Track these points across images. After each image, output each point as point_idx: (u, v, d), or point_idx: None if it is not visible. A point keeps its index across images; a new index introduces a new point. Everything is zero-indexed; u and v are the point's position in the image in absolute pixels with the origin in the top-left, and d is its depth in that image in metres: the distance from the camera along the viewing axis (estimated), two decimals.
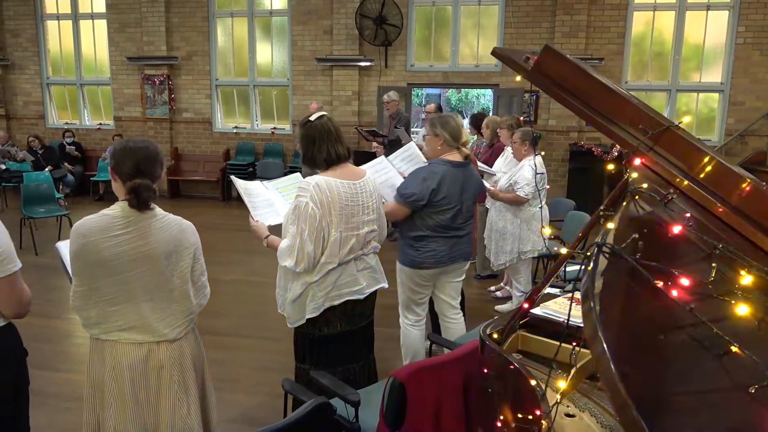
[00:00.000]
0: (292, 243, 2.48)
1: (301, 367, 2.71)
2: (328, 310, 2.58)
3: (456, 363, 2.15)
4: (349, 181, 2.57)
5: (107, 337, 2.01)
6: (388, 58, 9.55)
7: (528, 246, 4.39)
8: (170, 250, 2.03)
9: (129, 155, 2.00)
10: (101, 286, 1.96)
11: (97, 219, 1.96)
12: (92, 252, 1.93)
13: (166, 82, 10.25)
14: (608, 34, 8.93)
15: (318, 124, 2.56)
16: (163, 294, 2.04)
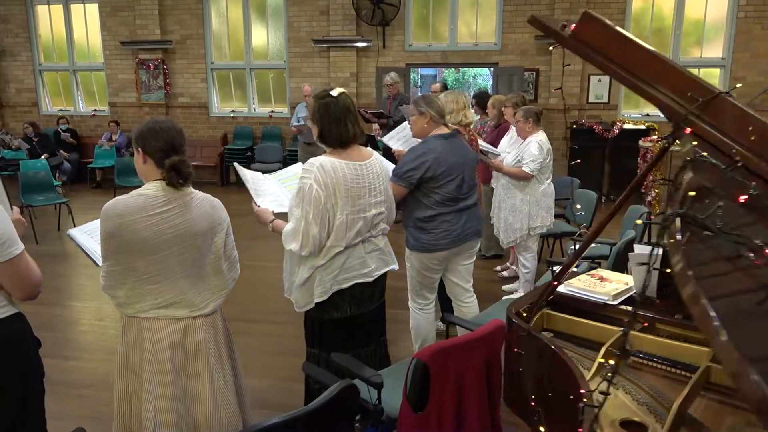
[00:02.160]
0: (297, 226, 2.43)
1: (312, 351, 2.68)
2: (336, 294, 2.55)
3: (478, 343, 2.11)
4: (354, 162, 2.51)
5: (146, 315, 2.02)
6: (386, 38, 9.42)
7: (537, 222, 4.36)
8: (206, 227, 2.06)
9: (160, 134, 2.01)
10: (138, 266, 1.97)
11: (133, 199, 1.95)
12: (129, 231, 1.92)
13: (160, 66, 10.10)
14: (609, 10, 8.81)
15: (340, 99, 2.48)
16: (200, 270, 2.07)
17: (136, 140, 2.04)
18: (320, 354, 2.63)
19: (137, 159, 2.06)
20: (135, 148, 2.06)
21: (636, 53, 1.65)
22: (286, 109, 10.14)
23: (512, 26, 9.10)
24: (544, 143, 4.29)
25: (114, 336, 4.32)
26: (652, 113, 9.16)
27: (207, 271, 2.10)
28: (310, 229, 2.41)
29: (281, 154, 9.66)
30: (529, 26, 9.54)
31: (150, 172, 2.03)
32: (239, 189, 10.37)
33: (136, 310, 2.02)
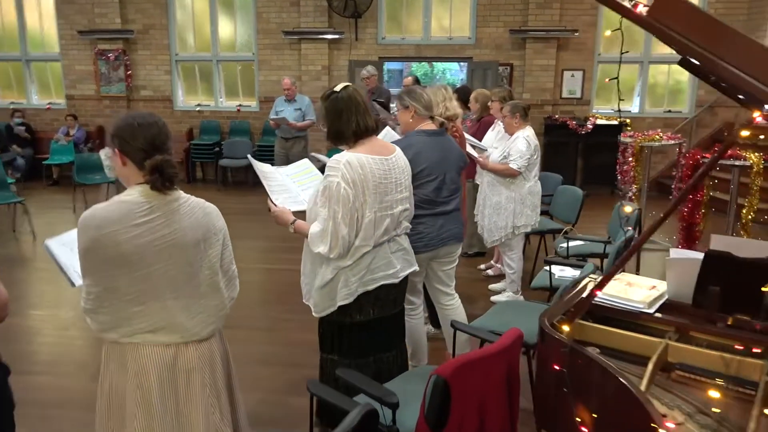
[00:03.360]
0: (325, 227, 2.28)
1: (328, 358, 2.52)
2: (361, 296, 2.40)
3: (499, 355, 1.96)
4: (380, 156, 2.38)
5: (129, 340, 1.76)
6: (359, 30, 9.20)
7: (522, 221, 4.24)
8: (198, 238, 1.80)
9: (140, 131, 1.74)
10: (121, 285, 1.70)
11: (113, 207, 1.70)
12: (109, 246, 1.66)
13: (121, 57, 9.63)
14: (582, 6, 8.82)
15: (344, 94, 2.36)
16: (192, 288, 1.80)
17: (113, 139, 1.77)
18: (339, 360, 2.46)
19: (115, 161, 1.79)
20: (111, 148, 1.79)
21: (720, 32, 1.51)
22: (255, 102, 9.81)
23: (486, 20, 9.01)
24: (531, 139, 4.17)
25: (82, 347, 4.02)
26: (624, 109, 9.21)
27: (201, 290, 1.82)
28: (339, 229, 2.26)
29: (251, 150, 9.33)
30: (504, 21, 9.51)
31: (131, 176, 1.77)
32: (207, 186, 10.02)
33: (120, 335, 1.76)
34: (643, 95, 9.12)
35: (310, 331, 4.03)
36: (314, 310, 2.49)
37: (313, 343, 3.89)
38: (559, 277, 3.62)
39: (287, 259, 5.63)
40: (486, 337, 2.43)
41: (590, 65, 9.01)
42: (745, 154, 4.23)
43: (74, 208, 7.67)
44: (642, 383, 1.42)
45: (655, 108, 9.19)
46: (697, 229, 4.50)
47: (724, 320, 1.69)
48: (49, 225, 6.85)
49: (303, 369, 3.54)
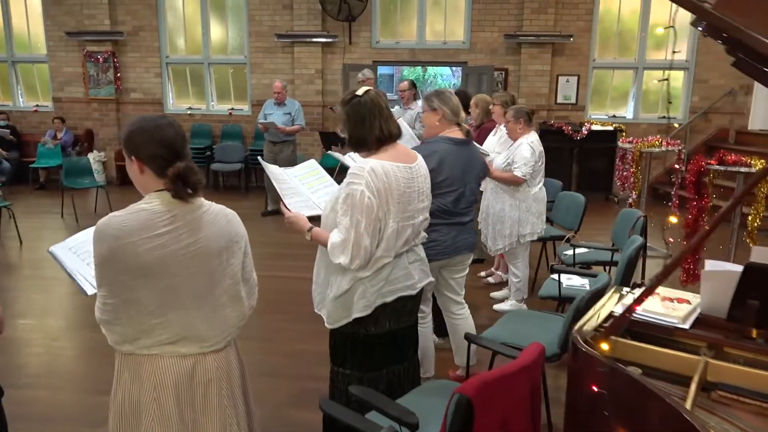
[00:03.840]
0: (346, 237, 2.17)
1: (340, 371, 2.40)
2: (378, 308, 2.30)
3: (523, 372, 1.87)
4: (404, 164, 2.28)
5: (147, 352, 1.67)
6: (352, 34, 9.12)
7: (527, 229, 4.15)
8: (221, 247, 1.72)
9: (154, 136, 1.64)
10: (141, 297, 1.61)
11: (133, 216, 1.59)
12: (129, 256, 1.56)
13: (110, 59, 9.45)
14: (577, 11, 8.80)
15: (367, 99, 2.25)
16: (214, 298, 1.72)
17: (126, 145, 1.67)
18: (351, 374, 2.35)
19: (131, 168, 1.69)
20: (126, 155, 1.69)
21: None
22: (247, 106, 9.68)
23: (481, 25, 8.97)
24: (535, 145, 4.09)
25: (73, 357, 3.87)
26: (618, 114, 9.23)
27: (222, 300, 1.74)
28: (362, 240, 2.15)
29: (243, 154, 9.20)
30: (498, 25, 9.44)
31: (149, 183, 1.67)
32: None
33: (137, 347, 1.67)
34: (637, 101, 9.11)
35: (310, 341, 3.94)
36: (327, 320, 2.38)
37: (315, 354, 3.80)
38: (568, 286, 3.55)
39: (284, 266, 5.51)
40: (504, 352, 2.34)
41: (585, 71, 8.99)
42: (750, 161, 4.20)
43: (62, 213, 7.48)
44: (686, 405, 1.34)
45: (648, 114, 9.19)
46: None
47: (765, 336, 1.61)
48: (35, 230, 6.66)
49: (306, 381, 3.43)
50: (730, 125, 8.82)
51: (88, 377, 3.55)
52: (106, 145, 9.76)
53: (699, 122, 8.89)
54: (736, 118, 8.72)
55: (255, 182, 9.53)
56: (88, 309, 4.17)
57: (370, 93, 2.27)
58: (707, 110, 8.80)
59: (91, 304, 1.67)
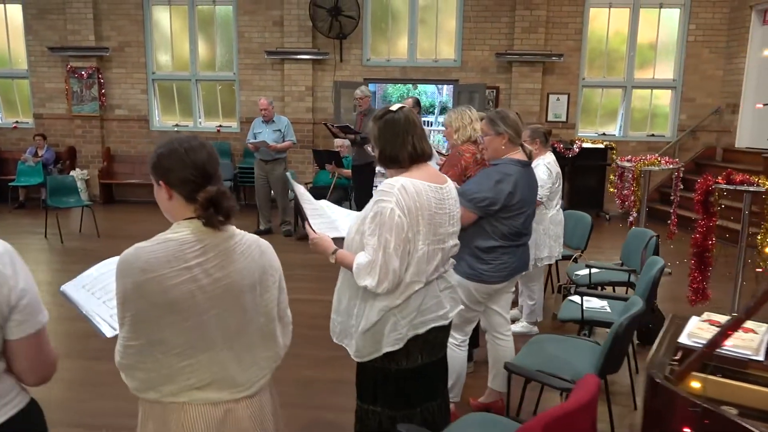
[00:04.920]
0: (374, 258, 2.03)
1: (370, 409, 2.25)
2: (410, 340, 2.16)
3: (586, 407, 1.77)
4: (436, 184, 2.16)
5: (173, 399, 1.50)
6: (343, 51, 9.07)
7: (545, 252, 4.07)
8: (255, 281, 1.57)
9: (185, 159, 1.49)
10: (167, 337, 1.45)
11: (160, 247, 1.45)
12: (155, 292, 1.41)
13: (95, 75, 9.24)
14: (566, 30, 8.89)
15: (401, 115, 2.15)
16: (246, 337, 1.56)
17: (155, 169, 1.53)
18: (382, 412, 2.20)
19: (159, 194, 1.55)
20: (154, 179, 1.54)
21: None
22: (236, 123, 9.53)
23: (472, 44, 8.99)
24: (552, 166, 4.04)
25: (65, 389, 3.65)
26: (608, 132, 9.31)
27: (255, 339, 1.59)
28: (390, 261, 2.01)
29: (232, 172, 9.03)
30: (489, 44, 9.52)
31: (178, 210, 1.53)
32: None
33: (162, 394, 1.50)
34: (626, 119, 9.21)
35: (321, 368, 3.79)
36: (355, 354, 2.23)
37: (328, 382, 3.65)
38: (587, 308, 3.46)
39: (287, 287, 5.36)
40: (556, 385, 2.24)
41: (575, 89, 9.07)
42: (757, 180, 4.20)
43: (46, 233, 7.20)
44: None
45: (637, 132, 9.29)
46: (708, 255, 4.43)
47: None
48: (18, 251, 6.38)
49: (320, 411, 3.28)
50: (717, 143, 8.96)
51: (82, 411, 3.34)
52: (89, 162, 9.49)
53: (687, 140, 9.01)
54: (723, 136, 8.86)
55: (244, 200, 9.35)
56: (80, 336, 3.96)
57: (404, 110, 2.19)
58: (695, 128, 8.93)
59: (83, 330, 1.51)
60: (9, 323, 1.34)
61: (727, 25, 8.67)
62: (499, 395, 3.25)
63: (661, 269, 3.26)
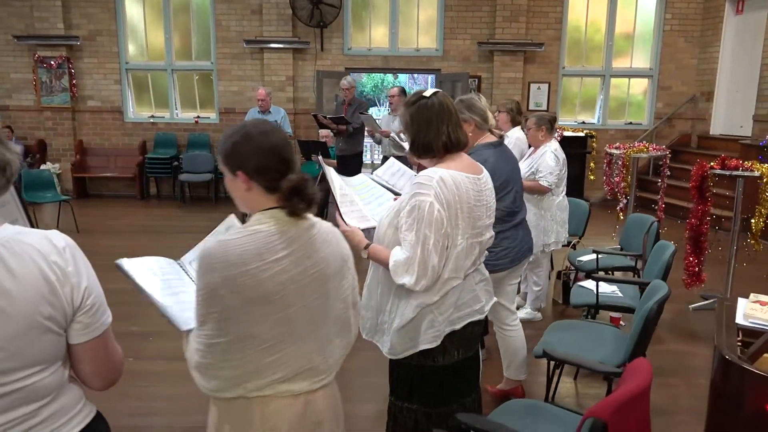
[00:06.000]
0: (412, 254, 1.95)
1: (405, 406, 2.19)
2: (446, 336, 2.10)
3: (647, 391, 1.78)
4: (474, 175, 2.09)
5: (258, 393, 1.45)
6: (324, 40, 8.94)
7: (552, 237, 4.11)
8: (337, 268, 1.53)
9: (264, 146, 1.42)
10: (258, 332, 1.39)
11: (247, 239, 1.38)
12: (249, 286, 1.35)
13: (65, 65, 8.88)
14: (547, 20, 8.96)
15: (435, 101, 2.05)
16: (328, 326, 1.53)
17: (228, 159, 1.45)
18: (418, 409, 2.16)
19: (234, 185, 1.47)
20: (228, 170, 1.46)
21: None
22: (215, 114, 9.31)
23: (454, 32, 8.98)
24: (559, 153, 4.06)
25: None
26: (587, 121, 9.44)
27: (334, 327, 1.55)
28: (430, 258, 1.94)
29: (212, 164, 8.83)
30: (471, 33, 9.53)
31: (257, 201, 1.45)
32: (161, 202, 9.38)
33: (246, 390, 1.44)
34: (604, 108, 9.36)
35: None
36: (389, 352, 2.16)
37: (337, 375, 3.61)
38: (601, 293, 3.49)
39: None
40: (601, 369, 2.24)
41: (555, 78, 9.16)
42: (751, 165, 4.31)
43: None
44: None
45: (615, 120, 9.45)
46: (702, 240, 4.54)
47: None
48: None
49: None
50: (692, 130, 9.19)
51: None
52: (61, 156, 9.15)
53: (664, 128, 9.21)
54: (698, 123, 9.10)
55: (224, 193, 9.15)
56: None
57: (439, 95, 2.09)
58: (671, 116, 9.13)
59: None
60: (74, 325, 1.24)
61: (702, 14, 8.87)
62: (517, 382, 3.27)
63: (673, 253, 3.31)
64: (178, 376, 3.55)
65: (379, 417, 1.89)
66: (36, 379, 1.18)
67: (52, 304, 1.17)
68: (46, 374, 1.20)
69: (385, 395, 2.73)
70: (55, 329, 1.19)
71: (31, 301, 1.15)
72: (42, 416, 1.21)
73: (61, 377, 1.24)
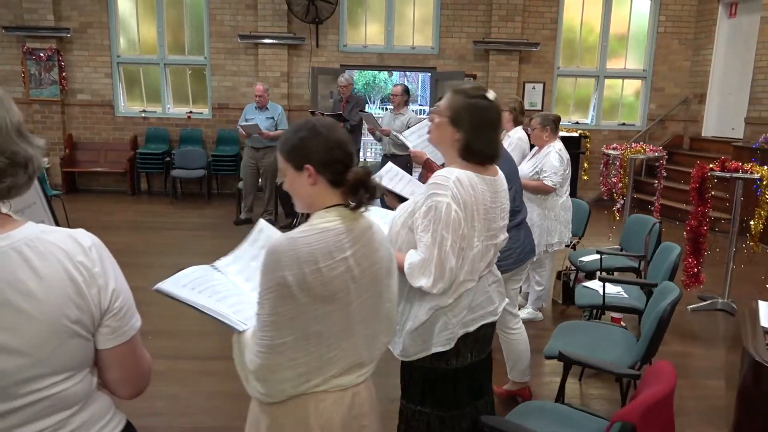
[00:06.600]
0: (427, 256, 1.90)
1: (418, 410, 2.15)
2: (459, 339, 2.07)
3: (671, 395, 1.77)
4: (490, 176, 2.05)
5: (314, 390, 1.45)
6: (320, 37, 8.87)
7: (555, 238, 4.10)
8: (387, 267, 1.56)
9: (331, 139, 1.45)
10: (323, 329, 1.40)
11: (316, 237, 1.38)
12: (318, 284, 1.37)
13: (54, 57, 8.73)
14: (542, 19, 8.98)
15: (494, 106, 1.99)
16: (378, 323, 1.56)
17: (298, 153, 1.45)
18: (431, 413, 2.12)
19: (298, 180, 1.46)
20: (293, 165, 1.46)
21: None
22: (207, 110, 9.21)
23: (450, 31, 8.96)
24: (563, 153, 4.06)
25: None
26: (581, 121, 9.48)
27: (382, 324, 1.58)
28: (447, 260, 1.89)
29: (205, 160, 8.73)
30: (467, 32, 9.56)
31: (321, 196, 1.46)
32: (152, 199, 9.25)
33: (305, 389, 1.44)
34: (598, 108, 9.40)
35: None
36: (401, 354, 2.12)
37: None
38: (607, 294, 3.49)
39: None
40: (618, 371, 2.23)
41: (550, 78, 9.18)
42: (749, 167, 4.35)
43: None
44: None
45: (608, 120, 9.50)
46: (702, 241, 4.57)
47: None
48: None
49: None
50: (684, 132, 9.26)
51: None
52: (50, 150, 8.98)
53: (657, 129, 9.28)
54: (690, 125, 9.17)
55: (217, 189, 9.08)
56: None
57: (496, 99, 2.01)
58: (664, 117, 9.20)
59: None
60: (101, 329, 1.17)
61: (696, 17, 8.94)
62: (523, 383, 3.26)
63: (679, 255, 3.32)
64: (179, 376, 3.51)
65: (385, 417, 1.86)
66: (64, 386, 1.12)
67: (79, 307, 1.11)
68: (74, 381, 1.14)
69: (390, 396, 2.71)
70: (83, 333, 1.13)
71: (57, 304, 1.08)
72: (72, 426, 1.15)
73: (89, 384, 1.18)
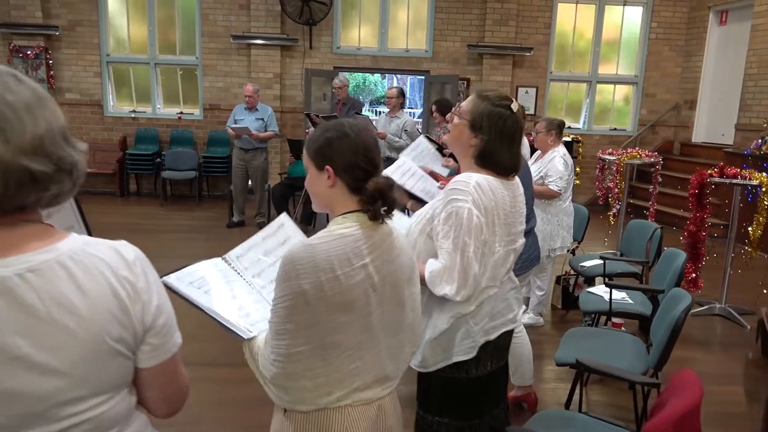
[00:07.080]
0: (450, 263, 1.85)
1: (436, 420, 2.09)
2: (479, 347, 2.03)
3: (699, 405, 1.75)
4: (508, 181, 2.02)
5: (337, 404, 1.41)
6: (313, 38, 8.82)
7: (558, 243, 4.10)
8: (410, 275, 1.52)
9: (358, 143, 1.40)
10: (342, 339, 1.36)
11: (334, 243, 1.34)
12: (337, 292, 1.32)
13: (42, 55, 8.57)
14: (536, 24, 9.01)
15: (518, 118, 1.93)
16: (401, 334, 1.52)
17: (322, 152, 1.42)
18: (450, 423, 2.07)
19: (318, 180, 1.43)
20: (315, 164, 1.43)
21: None
22: (198, 110, 9.10)
23: (443, 34, 8.96)
24: (567, 158, 4.07)
25: None
26: (573, 125, 9.53)
27: (406, 334, 1.53)
28: (470, 266, 1.85)
29: (196, 161, 8.63)
30: (461, 35, 9.55)
31: (338, 200, 1.43)
32: (141, 200, 9.12)
33: (326, 402, 1.39)
34: (590, 113, 9.45)
35: None
36: (420, 365, 2.05)
37: None
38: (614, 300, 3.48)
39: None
40: (636, 380, 2.21)
41: (543, 83, 9.22)
42: (748, 174, 4.38)
43: None
44: None
45: (600, 125, 9.56)
46: (700, 246, 4.60)
47: None
48: None
49: None
50: (674, 137, 9.35)
51: None
52: None
53: (647, 134, 9.35)
54: (680, 130, 9.26)
55: (208, 191, 8.97)
56: None
57: (519, 111, 1.95)
58: (654, 123, 9.28)
59: None
60: (143, 347, 1.09)
61: (687, 24, 9.04)
62: (529, 388, 3.24)
63: (685, 261, 3.32)
64: None
65: None
66: (105, 408, 1.05)
67: (122, 324, 1.04)
68: (114, 402, 1.06)
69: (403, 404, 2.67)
70: (125, 352, 1.06)
71: (101, 322, 1.01)
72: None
73: (128, 405, 1.11)
